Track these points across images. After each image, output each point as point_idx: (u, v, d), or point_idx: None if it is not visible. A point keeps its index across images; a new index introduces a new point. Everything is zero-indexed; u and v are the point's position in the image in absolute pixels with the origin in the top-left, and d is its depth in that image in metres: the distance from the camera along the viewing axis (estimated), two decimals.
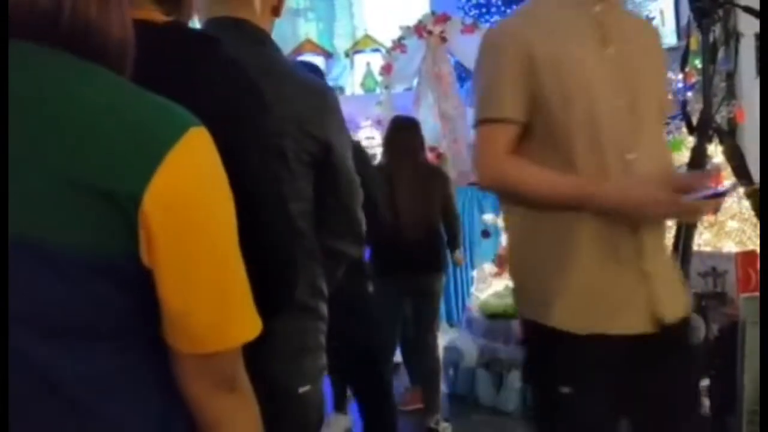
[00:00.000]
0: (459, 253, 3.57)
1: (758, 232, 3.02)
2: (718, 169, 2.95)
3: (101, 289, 0.62)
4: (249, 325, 0.68)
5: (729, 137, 1.84)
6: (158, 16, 0.82)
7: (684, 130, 3.49)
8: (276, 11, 1.28)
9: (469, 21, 5.58)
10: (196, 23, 1.21)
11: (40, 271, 0.60)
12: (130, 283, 0.63)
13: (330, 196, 1.28)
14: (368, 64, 6.19)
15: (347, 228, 1.33)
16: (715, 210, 2.04)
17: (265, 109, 0.90)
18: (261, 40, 1.24)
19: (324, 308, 1.30)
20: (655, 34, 1.37)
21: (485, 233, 4.00)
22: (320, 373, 1.31)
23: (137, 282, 0.63)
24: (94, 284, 0.61)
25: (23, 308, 0.60)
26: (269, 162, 0.89)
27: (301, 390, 1.26)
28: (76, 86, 0.63)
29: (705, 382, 2.02)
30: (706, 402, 1.89)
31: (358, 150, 2.45)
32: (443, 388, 3.50)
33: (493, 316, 3.81)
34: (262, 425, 0.73)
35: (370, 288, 2.50)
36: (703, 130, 1.73)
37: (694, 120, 1.83)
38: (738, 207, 3.11)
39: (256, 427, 0.72)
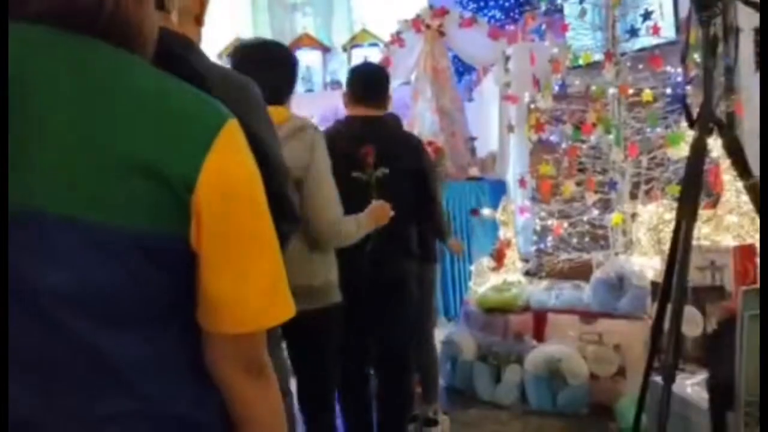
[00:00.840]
0: (455, 240, 3.56)
1: (756, 226, 3.03)
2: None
3: (148, 270, 0.64)
4: (287, 307, 0.72)
5: (729, 130, 1.83)
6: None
7: (682, 124, 3.50)
8: (198, 20, 1.29)
9: (467, 15, 5.56)
10: None
11: (91, 252, 0.62)
12: (176, 267, 0.66)
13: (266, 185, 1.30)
14: (366, 58, 6.18)
15: (283, 211, 1.40)
16: None
17: None
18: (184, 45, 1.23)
19: None
20: None
21: (474, 211, 3.98)
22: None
23: (182, 265, 0.66)
24: (142, 266, 0.64)
25: (71, 288, 0.62)
26: None
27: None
28: (125, 74, 0.66)
29: (703, 376, 2.02)
30: (704, 396, 1.90)
31: (420, 148, 2.50)
32: (441, 381, 3.50)
33: (491, 310, 3.81)
34: (282, 404, 0.77)
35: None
36: (703, 123, 1.72)
37: (694, 114, 1.83)
38: (736, 201, 3.11)
39: (280, 409, 0.77)
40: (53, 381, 0.64)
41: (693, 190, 1.72)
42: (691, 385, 2.04)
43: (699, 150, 1.73)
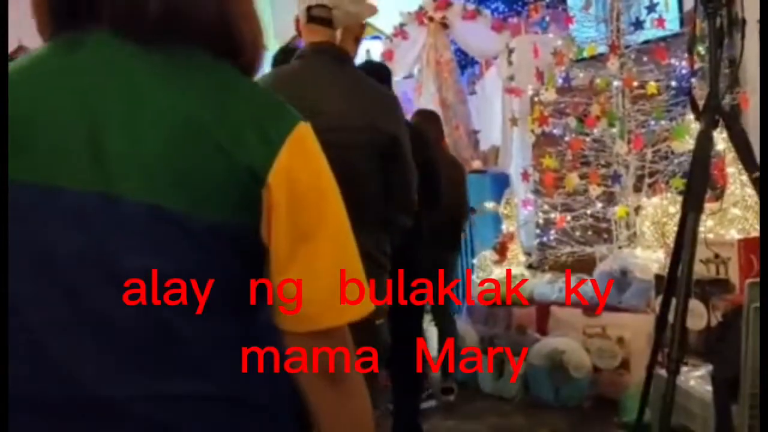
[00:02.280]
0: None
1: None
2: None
3: (224, 258, 0.67)
4: (362, 303, 0.70)
5: (735, 122, 1.82)
6: None
7: (687, 117, 3.48)
8: (357, 40, 1.76)
9: (470, 7, 5.53)
10: None
11: (173, 239, 0.66)
12: (248, 256, 0.68)
13: (395, 179, 1.68)
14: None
15: (406, 205, 1.73)
16: None
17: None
18: (342, 58, 1.70)
19: (386, 262, 1.69)
20: None
21: (472, 210, 4.02)
22: (386, 311, 1.70)
23: (255, 256, 0.69)
24: (218, 253, 0.67)
25: (152, 272, 0.65)
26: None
27: (378, 322, 1.62)
28: (202, 74, 0.70)
29: (707, 369, 2.02)
30: (708, 389, 1.89)
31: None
32: None
33: (494, 303, 3.81)
34: (370, 416, 0.74)
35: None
36: (709, 116, 1.71)
37: (700, 106, 1.81)
38: (741, 194, 3.10)
39: (364, 421, 0.73)
40: (131, 360, 0.66)
41: (699, 182, 1.71)
42: (695, 378, 2.04)
43: (705, 142, 1.72)
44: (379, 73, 2.55)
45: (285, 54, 2.31)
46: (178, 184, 0.65)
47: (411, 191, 1.73)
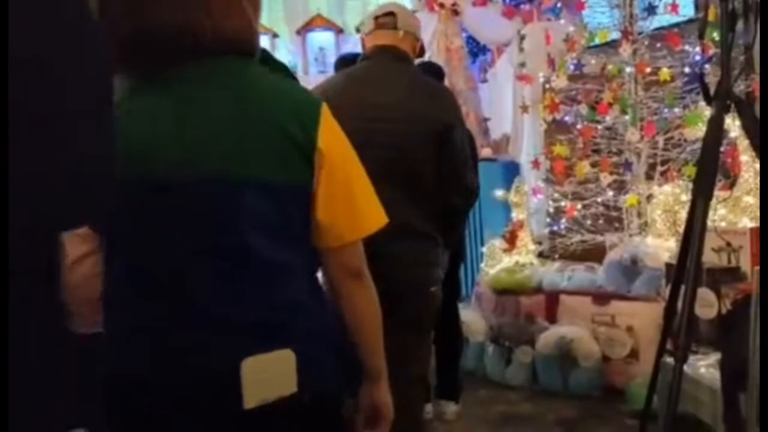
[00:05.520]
0: None
1: None
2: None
3: (293, 207, 0.99)
4: (375, 219, 1.07)
5: (748, 108, 1.79)
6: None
7: (700, 104, 3.43)
8: (418, 53, 2.06)
9: None
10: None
11: (262, 196, 0.96)
12: (306, 203, 1.00)
13: (447, 162, 1.88)
14: None
15: (456, 187, 1.92)
16: None
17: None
18: (402, 58, 1.97)
19: (438, 237, 1.90)
20: None
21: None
22: (440, 280, 1.94)
23: (308, 202, 1.00)
24: (290, 204, 0.98)
25: (255, 220, 0.95)
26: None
27: (432, 289, 1.90)
28: (256, 73, 1.02)
29: (716, 357, 2.00)
30: (716, 376, 1.88)
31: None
32: None
33: (503, 291, 3.80)
34: (377, 301, 1.10)
35: None
36: (721, 100, 1.68)
37: (712, 92, 1.79)
38: (755, 182, 3.06)
39: (374, 303, 1.10)
40: (240, 282, 0.95)
41: (710, 167, 1.69)
42: (704, 367, 2.02)
43: (716, 127, 1.70)
44: (434, 70, 2.91)
45: (344, 61, 2.68)
46: (260, 159, 0.96)
47: (462, 175, 1.92)
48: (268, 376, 0.94)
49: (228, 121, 0.96)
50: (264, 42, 5.53)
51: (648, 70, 3.67)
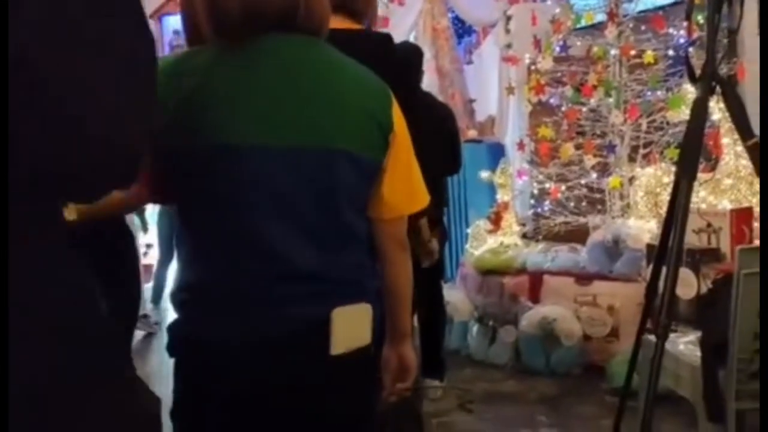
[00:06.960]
0: None
1: (754, 189, 3.03)
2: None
3: (369, 180, 1.09)
4: (424, 197, 1.20)
5: (732, 89, 1.81)
6: (353, 24, 1.48)
7: (684, 87, 3.46)
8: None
9: None
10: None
11: (350, 168, 1.05)
12: (375, 177, 1.10)
13: None
14: None
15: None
16: None
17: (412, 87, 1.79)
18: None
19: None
20: None
21: None
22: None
23: (378, 176, 1.10)
24: (368, 176, 1.09)
25: (343, 188, 1.05)
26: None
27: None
28: (336, 55, 1.10)
29: (696, 335, 2.05)
30: (696, 353, 1.92)
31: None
32: None
33: (488, 272, 3.84)
34: (411, 269, 1.22)
35: None
36: (705, 81, 1.70)
37: (697, 73, 1.80)
38: (735, 165, 3.10)
39: (411, 270, 1.22)
40: (324, 241, 1.05)
41: (693, 149, 1.71)
42: (684, 344, 2.06)
43: (700, 108, 1.72)
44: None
45: None
46: (344, 131, 1.05)
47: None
48: (351, 326, 1.05)
49: (322, 99, 1.03)
50: None
51: (633, 52, 3.69)
